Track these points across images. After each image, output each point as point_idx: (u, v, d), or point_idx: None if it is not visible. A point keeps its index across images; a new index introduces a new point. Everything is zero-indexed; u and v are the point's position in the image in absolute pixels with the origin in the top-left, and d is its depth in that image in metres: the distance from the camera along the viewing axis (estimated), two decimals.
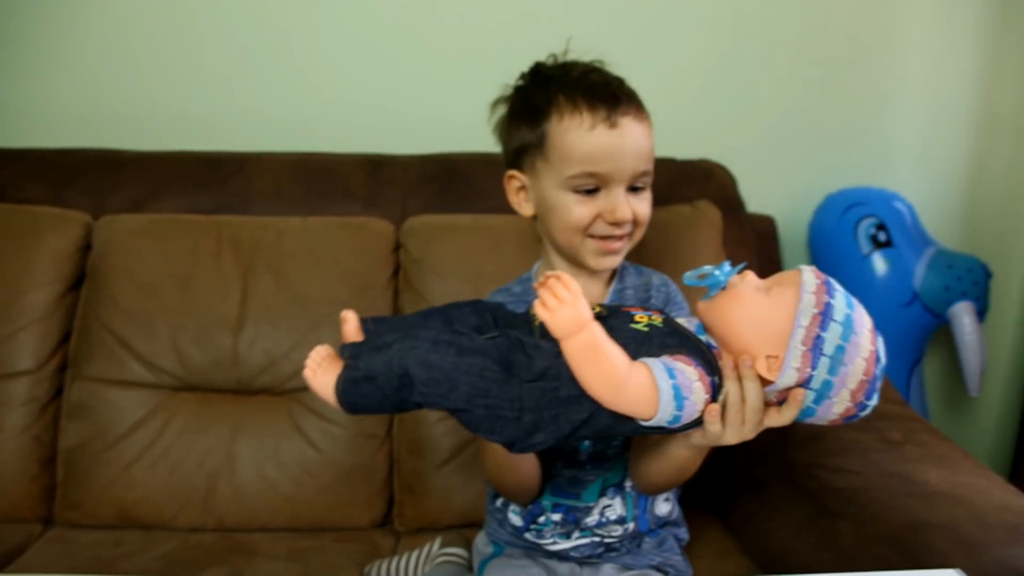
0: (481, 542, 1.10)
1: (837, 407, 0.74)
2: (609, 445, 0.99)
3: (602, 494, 0.99)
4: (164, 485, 1.25)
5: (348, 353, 0.72)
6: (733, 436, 0.76)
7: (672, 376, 0.70)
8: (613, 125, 0.93)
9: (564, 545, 1.01)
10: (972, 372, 1.65)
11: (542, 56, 1.04)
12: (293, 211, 1.40)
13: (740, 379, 0.74)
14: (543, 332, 0.73)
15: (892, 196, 1.68)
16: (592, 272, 1.01)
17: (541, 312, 0.68)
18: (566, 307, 0.67)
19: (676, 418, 0.71)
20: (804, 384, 0.73)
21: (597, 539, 1.00)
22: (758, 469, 1.23)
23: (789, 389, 0.73)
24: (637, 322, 0.74)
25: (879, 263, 1.63)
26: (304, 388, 1.28)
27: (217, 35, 1.56)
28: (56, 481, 1.27)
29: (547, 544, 1.01)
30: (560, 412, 0.71)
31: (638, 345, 0.72)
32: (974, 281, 1.62)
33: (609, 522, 0.99)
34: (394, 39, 1.58)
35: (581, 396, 0.70)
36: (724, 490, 1.29)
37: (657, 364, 0.70)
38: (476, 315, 0.82)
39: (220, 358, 1.28)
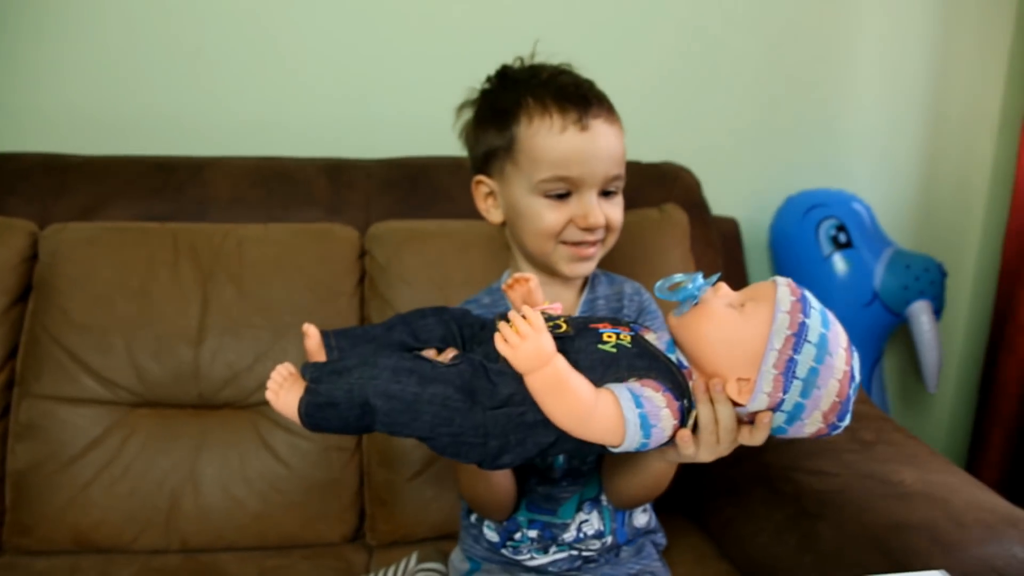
0: (457, 558, 1.07)
1: (809, 428, 0.72)
2: (584, 461, 0.98)
3: (578, 509, 0.98)
4: (123, 506, 1.19)
5: (309, 376, 0.70)
6: (707, 455, 0.75)
7: (639, 405, 0.67)
8: (584, 128, 0.91)
9: (542, 560, 0.99)
10: (931, 369, 1.69)
11: (508, 58, 1.03)
12: (252, 218, 1.36)
13: (712, 401, 0.72)
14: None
15: (851, 197, 1.71)
16: (564, 280, 1.00)
17: (502, 347, 0.66)
18: (528, 342, 0.65)
19: (644, 444, 0.69)
20: (775, 407, 0.70)
21: (575, 552, 0.99)
22: (734, 473, 1.23)
23: (759, 412, 0.72)
24: (605, 342, 0.72)
25: (840, 264, 1.66)
26: None
27: (169, 33, 1.50)
28: (5, 506, 1.20)
29: (524, 559, 1.00)
30: (527, 435, 0.69)
31: (605, 368, 0.70)
32: (931, 280, 1.66)
33: (587, 537, 0.98)
34: (356, 39, 1.55)
35: (547, 421, 0.68)
36: (700, 495, 1.29)
37: (624, 392, 0.68)
38: (441, 325, 0.80)
39: (180, 372, 1.23)
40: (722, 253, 1.53)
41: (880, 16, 1.74)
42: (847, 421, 0.72)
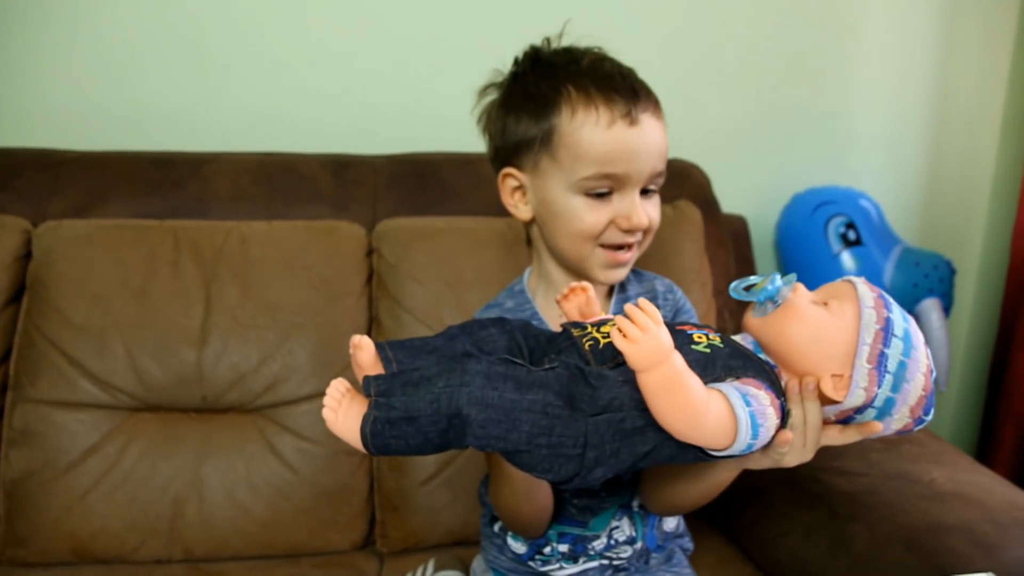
0: (479, 568, 1.03)
1: (896, 424, 0.71)
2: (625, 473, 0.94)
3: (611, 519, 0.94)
4: (124, 515, 1.14)
5: (375, 389, 0.63)
6: (794, 458, 0.72)
7: (748, 404, 0.64)
8: (633, 122, 0.85)
9: (571, 570, 0.94)
10: (941, 367, 1.67)
11: (517, 50, 0.96)
12: (255, 215, 1.31)
13: (802, 400, 0.69)
14: (599, 357, 0.67)
15: (858, 195, 1.69)
16: (594, 284, 0.95)
17: (621, 344, 0.61)
18: (649, 336, 0.60)
19: (750, 447, 0.66)
20: (869, 403, 0.69)
21: (606, 562, 0.95)
22: (756, 474, 1.19)
23: (854, 409, 0.70)
24: (697, 342, 0.68)
25: (849, 261, 1.64)
26: (277, 404, 1.21)
27: (168, 24, 1.45)
28: None
29: (553, 571, 0.95)
30: (623, 445, 0.64)
31: (702, 369, 0.66)
32: (940, 278, 1.65)
33: (618, 544, 0.94)
34: (361, 30, 1.50)
35: (646, 427, 0.64)
36: (721, 498, 1.26)
37: (732, 391, 0.65)
38: (505, 336, 0.73)
39: (183, 374, 1.19)
40: (733, 251, 1.51)
41: (885, 15, 1.73)
42: (931, 416, 0.72)
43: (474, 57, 1.00)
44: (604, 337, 0.69)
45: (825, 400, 0.70)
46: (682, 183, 1.47)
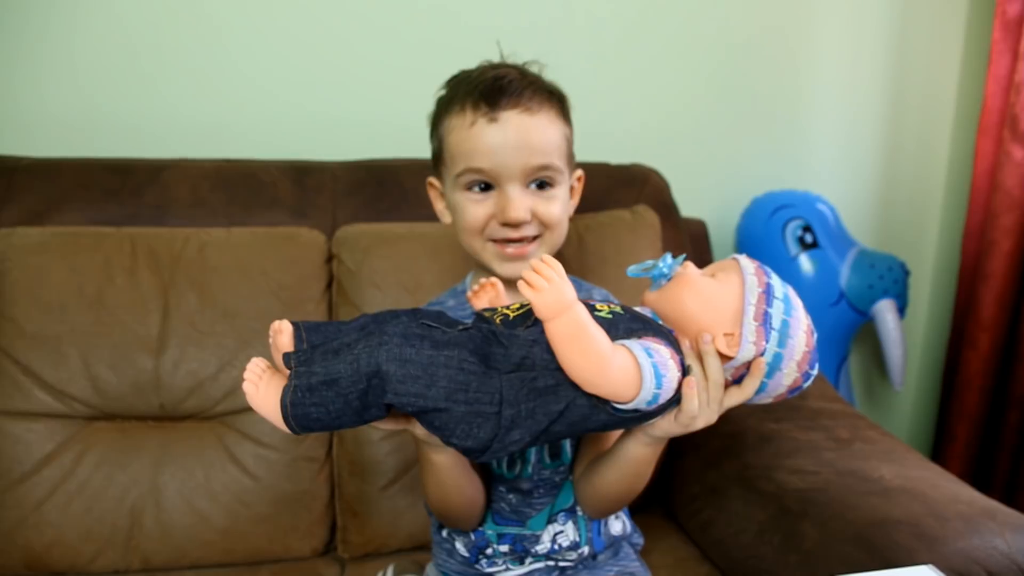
0: (432, 573, 1.04)
1: (787, 379, 0.77)
2: (557, 471, 0.96)
3: (550, 521, 0.96)
4: (80, 525, 1.13)
5: (296, 360, 0.65)
6: (702, 420, 0.77)
7: (650, 355, 0.70)
8: (493, 119, 0.90)
9: (517, 571, 0.96)
10: (896, 367, 1.71)
11: (474, 60, 1.00)
12: (214, 222, 1.30)
13: (701, 357, 0.75)
14: (509, 326, 0.71)
15: (815, 198, 1.72)
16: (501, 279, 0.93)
17: (527, 292, 0.65)
18: (554, 285, 0.65)
19: (655, 397, 0.70)
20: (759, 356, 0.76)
21: (551, 563, 0.96)
22: (712, 474, 1.22)
23: (746, 364, 0.76)
24: (599, 310, 0.73)
25: (806, 264, 1.67)
26: (236, 411, 1.20)
27: (125, 31, 1.44)
28: None
29: (499, 572, 0.97)
30: (537, 405, 0.68)
31: (605, 331, 0.70)
32: (894, 279, 1.68)
33: (562, 549, 0.95)
34: (318, 39, 1.51)
35: (558, 385, 0.68)
36: (678, 498, 1.28)
37: (635, 344, 0.70)
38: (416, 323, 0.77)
39: (140, 382, 1.18)
40: (691, 254, 1.52)
41: (838, 21, 1.76)
42: (816, 370, 0.79)
43: (433, 64, 1.02)
44: (514, 312, 0.73)
45: (721, 358, 0.75)
46: (640, 188, 1.49)
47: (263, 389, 0.65)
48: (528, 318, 0.71)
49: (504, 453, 0.69)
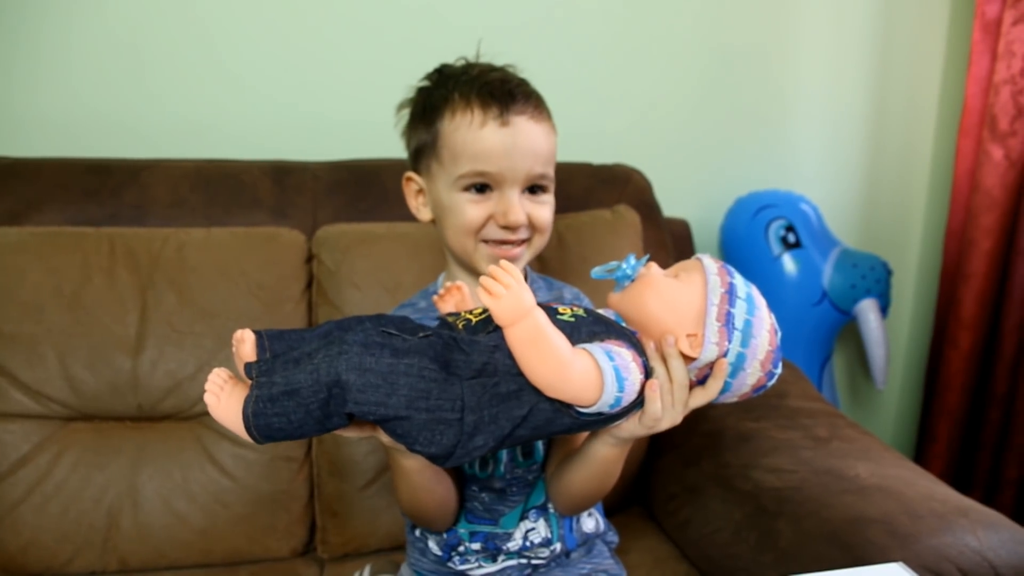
0: (405, 573, 1.04)
1: (750, 378, 0.77)
2: (530, 469, 0.96)
3: (522, 518, 0.96)
4: (56, 526, 1.13)
5: (257, 370, 0.65)
6: (666, 421, 0.77)
7: (611, 358, 0.70)
8: (505, 123, 0.90)
9: (490, 569, 0.97)
10: (879, 366, 1.72)
11: (453, 59, 1.00)
12: (193, 222, 1.30)
13: (664, 359, 0.75)
14: (471, 332, 0.71)
15: (798, 198, 1.73)
16: None
17: (485, 299, 0.65)
18: (512, 292, 0.65)
19: (618, 400, 0.70)
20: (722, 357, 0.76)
21: (524, 560, 0.97)
22: (691, 473, 1.22)
23: (709, 364, 0.76)
24: (562, 314, 0.73)
25: (789, 264, 1.67)
26: None
27: (104, 29, 1.43)
28: None
29: (472, 569, 0.97)
30: (500, 410, 0.68)
31: (567, 335, 0.70)
32: (877, 279, 1.69)
33: (534, 546, 0.96)
34: (299, 38, 1.50)
35: (520, 391, 0.68)
36: (657, 497, 1.28)
37: (596, 348, 0.70)
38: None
39: (118, 383, 1.17)
40: (674, 254, 1.53)
41: (821, 25, 1.77)
42: (779, 369, 0.79)
43: (415, 64, 1.02)
44: (476, 317, 0.73)
45: (684, 359, 0.75)
46: (623, 188, 1.49)
47: (224, 400, 0.65)
48: (490, 323, 0.71)
49: (469, 458, 0.68)
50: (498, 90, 0.91)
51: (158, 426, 1.20)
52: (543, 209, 0.94)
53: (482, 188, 0.92)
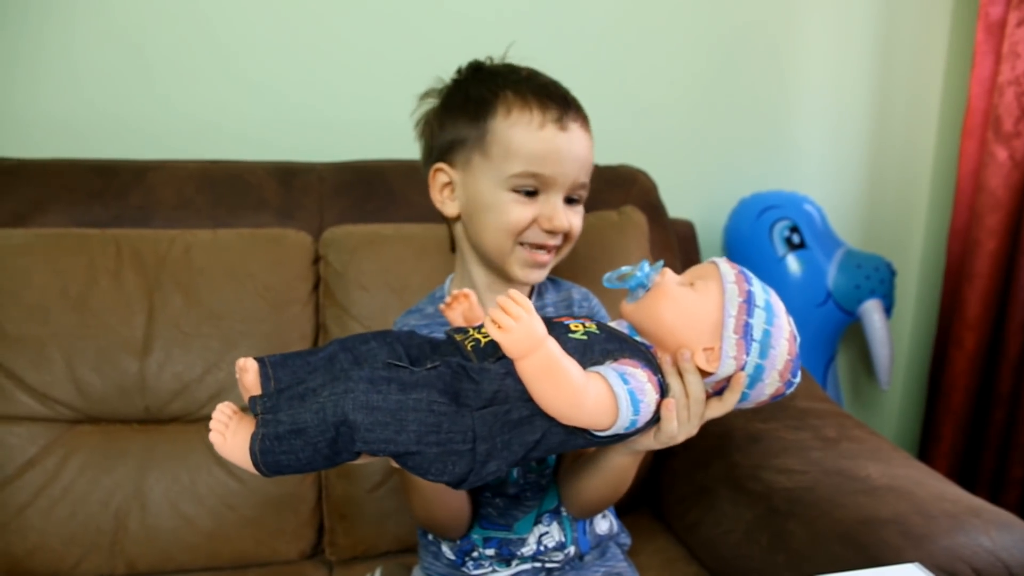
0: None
1: (768, 388, 0.76)
2: (543, 474, 0.96)
3: (536, 523, 0.96)
4: (64, 530, 1.12)
5: (262, 407, 0.63)
6: (683, 434, 0.76)
7: (626, 382, 0.68)
8: (563, 127, 0.89)
9: (504, 573, 0.96)
10: (883, 367, 1.72)
11: (462, 60, 1.00)
12: (199, 224, 1.29)
13: (680, 374, 0.74)
14: (480, 355, 0.69)
15: (803, 199, 1.73)
16: (513, 285, 0.96)
17: (495, 332, 0.63)
18: (522, 324, 0.62)
19: (633, 423, 0.69)
20: (741, 370, 0.74)
21: (538, 564, 0.96)
22: (700, 475, 1.22)
23: (727, 378, 0.74)
24: (574, 331, 0.71)
25: (794, 264, 1.68)
26: None
27: (110, 29, 1.42)
28: None
29: (485, 574, 0.96)
30: (512, 436, 0.66)
31: (581, 355, 0.69)
32: (881, 279, 1.69)
33: (548, 550, 0.95)
34: (306, 36, 1.50)
35: (533, 416, 0.66)
36: (667, 498, 1.28)
37: (609, 372, 0.68)
38: (385, 347, 0.73)
39: (125, 385, 1.17)
40: (679, 255, 1.53)
41: (824, 26, 1.78)
42: (799, 378, 0.77)
43: (420, 65, 1.02)
44: (485, 337, 0.70)
45: (701, 373, 0.74)
46: (628, 189, 1.49)
47: (230, 438, 0.64)
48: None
49: (482, 482, 0.67)
50: (555, 93, 0.91)
51: (165, 428, 1.19)
52: (578, 218, 0.95)
53: (532, 192, 0.91)
